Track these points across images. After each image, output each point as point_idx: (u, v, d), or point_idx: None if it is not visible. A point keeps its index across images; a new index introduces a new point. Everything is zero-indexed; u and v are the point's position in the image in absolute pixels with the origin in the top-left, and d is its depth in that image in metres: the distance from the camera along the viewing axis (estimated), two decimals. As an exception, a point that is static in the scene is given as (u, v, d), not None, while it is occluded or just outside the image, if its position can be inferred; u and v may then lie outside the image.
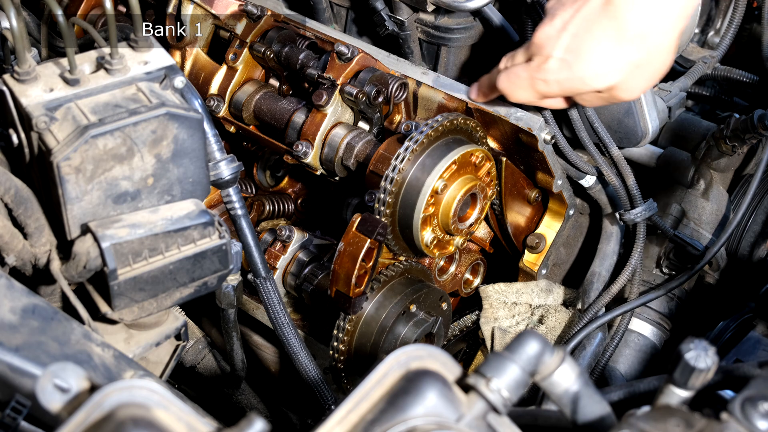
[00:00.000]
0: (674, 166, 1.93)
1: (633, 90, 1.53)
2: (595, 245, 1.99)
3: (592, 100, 1.58)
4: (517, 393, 0.89)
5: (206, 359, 1.90)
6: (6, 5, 1.23)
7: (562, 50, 1.50)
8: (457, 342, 2.10)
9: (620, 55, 1.47)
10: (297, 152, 1.76)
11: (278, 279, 1.88)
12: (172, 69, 1.34)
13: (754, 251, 1.97)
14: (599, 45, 1.47)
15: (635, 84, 1.51)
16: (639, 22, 1.44)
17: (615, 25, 1.45)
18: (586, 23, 1.47)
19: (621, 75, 1.49)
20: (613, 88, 1.51)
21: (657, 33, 1.45)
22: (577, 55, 1.49)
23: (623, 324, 1.92)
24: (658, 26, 1.44)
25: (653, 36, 1.45)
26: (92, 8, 2.05)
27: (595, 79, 1.50)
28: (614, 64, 1.47)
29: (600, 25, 1.46)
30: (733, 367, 1.14)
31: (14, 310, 1.17)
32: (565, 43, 1.49)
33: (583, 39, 1.48)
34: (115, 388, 0.85)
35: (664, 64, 1.51)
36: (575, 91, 1.55)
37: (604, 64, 1.48)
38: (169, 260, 1.26)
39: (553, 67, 1.52)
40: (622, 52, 1.46)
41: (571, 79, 1.52)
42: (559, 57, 1.51)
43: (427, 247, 1.71)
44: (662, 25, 1.44)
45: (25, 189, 1.30)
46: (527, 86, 1.58)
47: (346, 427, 0.86)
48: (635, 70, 1.49)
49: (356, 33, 2.11)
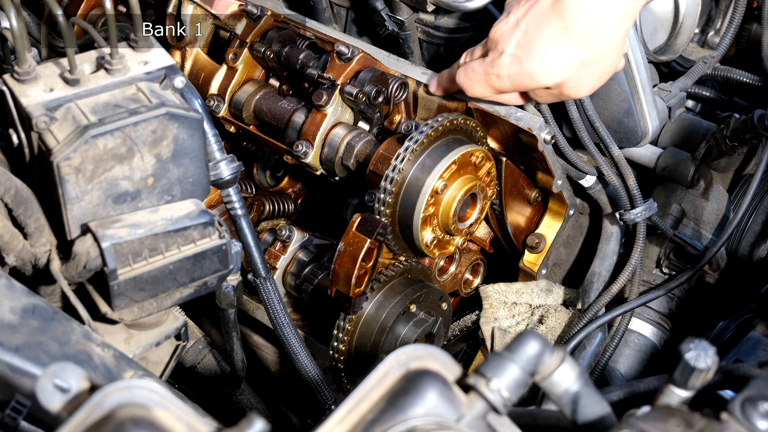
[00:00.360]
0: (674, 166, 1.94)
1: (581, 88, 1.56)
2: (595, 245, 1.99)
3: (543, 96, 1.61)
4: (517, 393, 0.89)
5: (206, 359, 1.90)
6: (6, 5, 1.23)
7: (513, 46, 1.54)
8: (457, 342, 2.10)
9: (567, 53, 1.50)
10: (297, 152, 1.76)
11: (278, 279, 1.88)
12: (172, 69, 1.34)
13: (754, 251, 1.97)
14: (547, 43, 1.50)
15: (583, 82, 1.55)
16: (585, 21, 1.47)
17: (562, 24, 1.48)
18: (536, 21, 1.50)
19: (568, 73, 1.52)
20: (561, 86, 1.55)
21: (603, 33, 1.48)
22: (527, 52, 1.52)
23: (623, 324, 1.92)
24: (603, 26, 1.48)
25: (599, 36, 1.48)
26: (92, 8, 2.05)
27: (543, 75, 1.53)
28: (561, 61, 1.51)
29: (548, 23, 1.49)
30: (733, 367, 1.14)
31: (14, 310, 1.17)
32: (516, 39, 1.53)
33: (533, 36, 1.51)
34: (115, 388, 0.85)
35: (611, 63, 1.54)
36: (525, 87, 1.58)
37: (552, 61, 1.51)
38: (169, 260, 1.26)
39: (505, 63, 1.55)
40: (568, 51, 1.50)
41: (520, 75, 1.54)
42: (510, 53, 1.54)
43: (427, 247, 1.71)
44: (608, 25, 1.48)
45: (25, 189, 1.30)
46: (482, 81, 1.61)
47: (346, 427, 0.86)
48: (582, 69, 1.52)
49: (356, 33, 2.11)
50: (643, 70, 1.84)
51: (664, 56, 2.03)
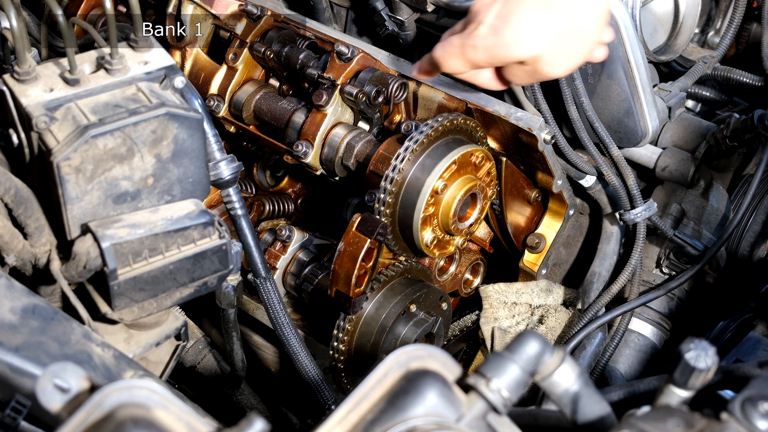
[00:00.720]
0: (674, 166, 1.93)
1: (557, 65, 1.52)
2: (595, 245, 1.99)
3: (518, 74, 1.56)
4: (517, 393, 0.89)
5: (206, 359, 1.90)
6: (6, 5, 1.23)
7: (493, 17, 1.51)
8: (457, 342, 2.10)
9: (545, 23, 1.47)
10: (297, 152, 1.76)
11: (278, 279, 1.88)
12: (172, 69, 1.34)
13: (754, 251, 1.97)
14: (526, 12, 1.47)
15: (559, 57, 1.51)
16: None
17: None
18: None
19: (544, 45, 1.48)
20: (537, 60, 1.51)
21: (583, 5, 1.46)
22: (505, 22, 1.49)
23: (623, 324, 1.92)
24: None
25: (578, 8, 1.46)
26: (92, 8, 2.05)
27: (519, 45, 1.49)
28: (538, 31, 1.48)
29: None
30: (733, 367, 1.14)
31: (14, 310, 1.17)
32: (496, 10, 1.50)
33: (513, 7, 1.48)
34: (115, 388, 0.85)
35: (589, 40, 1.51)
36: (501, 59, 1.54)
37: (529, 31, 1.48)
38: (169, 260, 1.26)
39: (482, 33, 1.52)
40: (547, 21, 1.47)
41: (496, 45, 1.51)
42: (489, 23, 1.51)
43: (427, 247, 1.71)
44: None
45: (25, 189, 1.30)
46: (458, 53, 1.56)
47: (346, 427, 0.86)
48: (559, 42, 1.49)
49: (356, 33, 2.11)
50: (643, 70, 1.84)
51: (664, 56, 2.02)
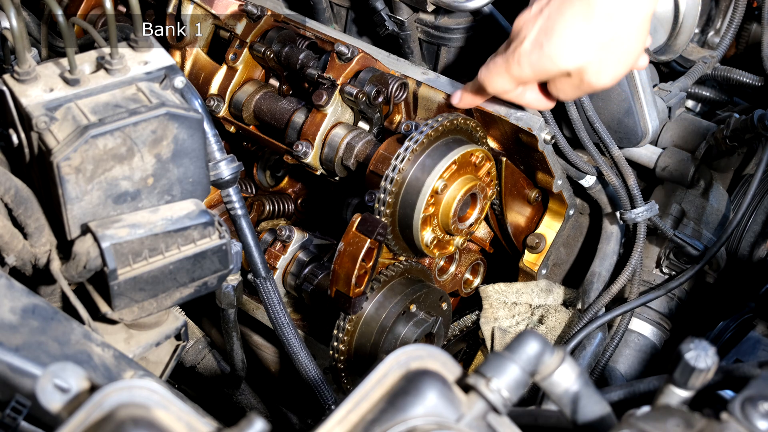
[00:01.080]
0: (674, 166, 1.93)
1: (603, 74, 1.53)
2: (595, 245, 1.99)
3: (565, 87, 1.58)
4: (517, 393, 0.89)
5: (206, 359, 1.90)
6: (6, 5, 1.23)
7: (536, 32, 1.53)
8: (457, 342, 2.10)
9: (588, 34, 1.48)
10: (297, 152, 1.76)
11: (278, 279, 1.88)
12: (172, 69, 1.34)
13: (754, 251, 1.97)
14: (569, 24, 1.49)
15: (604, 67, 1.52)
16: (607, 1, 1.46)
17: (585, 5, 1.47)
18: (559, 4, 1.50)
19: (589, 55, 1.50)
20: (583, 71, 1.52)
21: (625, 13, 1.47)
22: (548, 35, 1.51)
23: (623, 324, 1.92)
24: (626, 7, 1.47)
25: (621, 16, 1.47)
26: (92, 8, 2.05)
27: (564, 57, 1.51)
28: (582, 42, 1.49)
29: (572, 5, 1.49)
30: (733, 367, 1.14)
31: (14, 310, 1.17)
32: (539, 25, 1.52)
33: (555, 20, 1.50)
34: (115, 388, 0.85)
35: (634, 48, 1.52)
36: (546, 72, 1.56)
37: (573, 42, 1.50)
38: (169, 260, 1.26)
39: (526, 48, 1.54)
40: (590, 31, 1.48)
41: (541, 59, 1.53)
42: (532, 39, 1.53)
43: (427, 247, 1.71)
44: (630, 5, 1.47)
45: (25, 189, 1.30)
46: (503, 71, 1.59)
47: (346, 427, 0.86)
48: (603, 52, 1.50)
49: (356, 33, 2.11)
50: (643, 70, 1.84)
51: (664, 56, 2.02)
